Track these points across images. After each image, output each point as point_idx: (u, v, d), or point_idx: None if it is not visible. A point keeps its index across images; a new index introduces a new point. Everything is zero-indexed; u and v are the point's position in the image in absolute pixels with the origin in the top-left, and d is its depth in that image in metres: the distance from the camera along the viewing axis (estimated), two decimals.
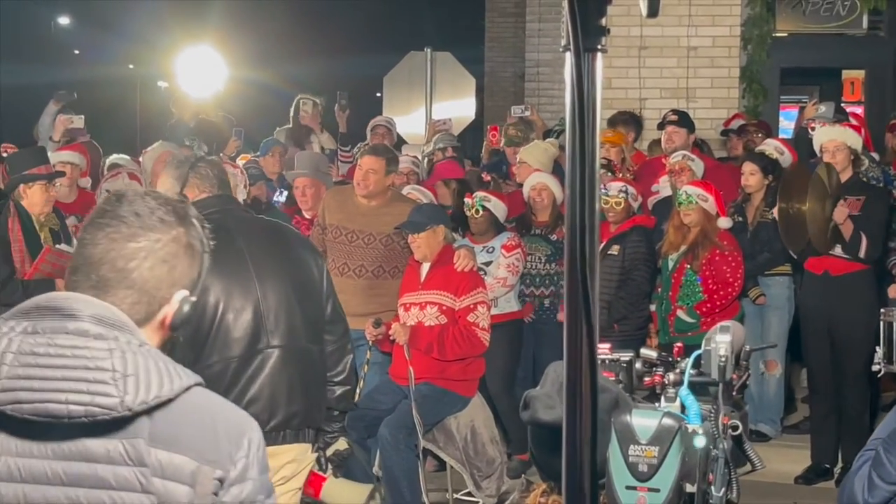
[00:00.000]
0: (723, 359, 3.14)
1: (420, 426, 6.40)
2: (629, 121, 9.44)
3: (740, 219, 7.93)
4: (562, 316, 5.45)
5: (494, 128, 10.38)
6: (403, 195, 7.64)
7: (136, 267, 2.06)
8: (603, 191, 7.54)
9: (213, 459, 1.99)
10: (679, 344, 3.54)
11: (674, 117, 8.82)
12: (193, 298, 2.15)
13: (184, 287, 2.12)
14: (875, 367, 4.68)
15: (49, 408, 1.90)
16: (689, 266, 7.49)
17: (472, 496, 6.89)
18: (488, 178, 9.16)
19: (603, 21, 1.71)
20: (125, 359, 1.94)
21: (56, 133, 8.98)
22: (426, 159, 9.96)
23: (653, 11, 1.69)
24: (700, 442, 3.00)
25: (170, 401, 1.96)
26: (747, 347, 3.36)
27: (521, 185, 8.28)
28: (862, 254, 7.23)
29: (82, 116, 9.20)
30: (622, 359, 3.35)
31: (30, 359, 1.92)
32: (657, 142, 9.26)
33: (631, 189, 7.64)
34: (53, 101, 9.38)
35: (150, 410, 1.94)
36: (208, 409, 2.04)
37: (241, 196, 6.59)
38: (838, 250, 7.29)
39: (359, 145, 9.85)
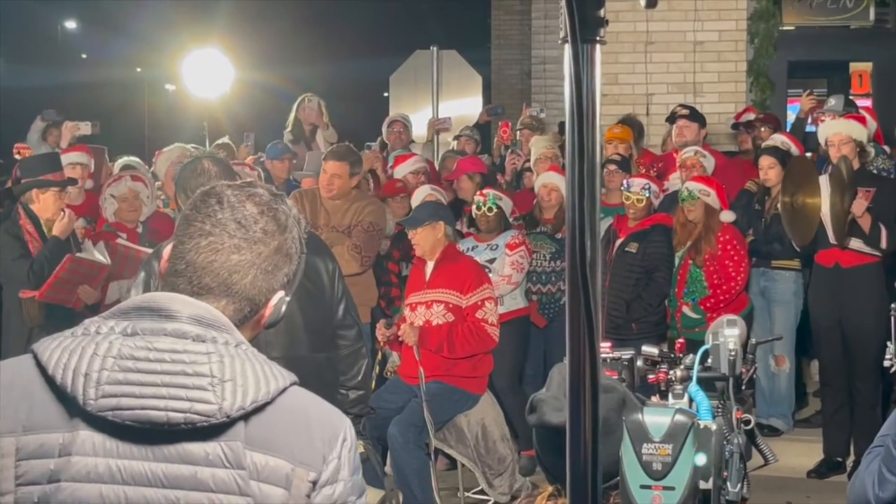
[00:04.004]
0: (732, 353, 3.12)
1: (431, 425, 6.40)
2: (631, 123, 9.41)
3: (759, 207, 7.92)
4: None
5: (505, 124, 10.38)
6: (368, 195, 7.79)
7: (239, 279, 2.06)
8: (625, 186, 7.52)
9: (307, 461, 2.00)
10: (681, 340, 3.51)
11: (685, 111, 8.79)
12: (288, 298, 2.16)
13: (281, 289, 2.13)
14: (887, 363, 4.65)
15: (149, 414, 1.90)
16: (692, 262, 7.48)
17: (484, 495, 6.88)
18: (503, 180, 9.21)
19: (601, 12, 1.68)
20: (223, 363, 1.95)
21: (63, 140, 9.00)
22: (453, 143, 10.08)
23: (651, 2, 1.66)
24: (701, 459, 2.97)
25: (266, 404, 1.97)
26: (753, 341, 3.35)
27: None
28: (884, 244, 7.21)
29: (89, 123, 9.20)
30: (623, 357, 3.33)
31: (129, 363, 1.92)
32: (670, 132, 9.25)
33: (654, 186, 7.62)
34: (40, 118, 9.42)
35: (246, 415, 1.95)
36: (303, 409, 2.04)
37: None
38: (854, 243, 7.27)
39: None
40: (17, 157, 8.71)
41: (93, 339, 1.96)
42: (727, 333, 3.20)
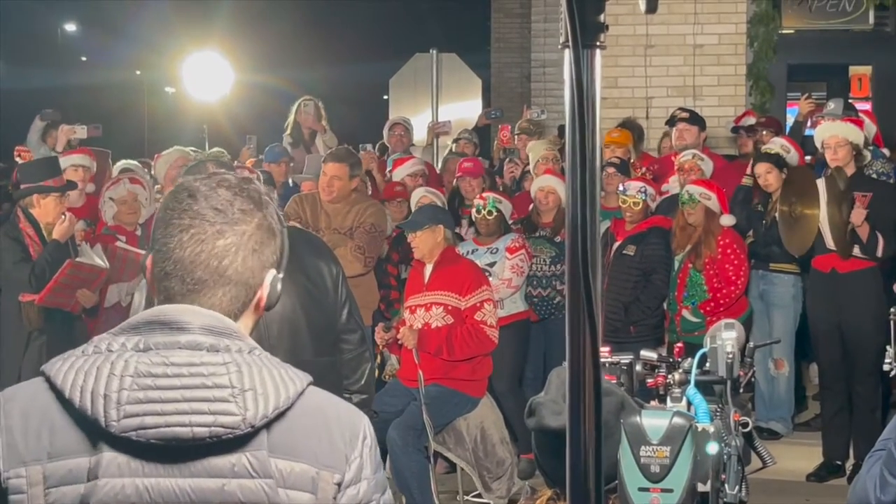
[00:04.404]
0: (730, 356, 3.13)
1: (430, 428, 6.39)
2: (631, 126, 9.42)
3: (761, 209, 7.92)
4: None
5: (505, 127, 10.39)
6: (368, 197, 7.84)
7: (229, 264, 2.03)
8: (621, 190, 7.52)
9: (330, 464, 2.00)
10: (680, 344, 3.52)
11: (685, 115, 8.78)
12: (281, 276, 2.14)
13: (272, 267, 2.11)
14: (886, 367, 4.66)
15: (175, 431, 1.89)
16: (692, 265, 7.48)
17: (483, 498, 6.88)
18: (500, 182, 9.21)
19: (601, 17, 1.69)
20: (241, 372, 1.94)
21: (59, 144, 8.98)
22: (453, 146, 10.09)
23: (651, 7, 1.67)
24: (713, 448, 2.98)
25: (286, 409, 1.96)
26: (751, 344, 3.35)
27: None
28: (879, 253, 7.21)
29: (85, 126, 9.19)
30: (622, 361, 3.33)
31: (148, 381, 1.90)
32: (667, 134, 9.26)
33: (650, 189, 7.62)
34: (39, 118, 9.41)
35: (269, 423, 1.94)
36: (321, 411, 2.04)
37: None
38: (855, 251, 7.26)
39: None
40: (17, 159, 8.69)
41: (107, 359, 1.93)
42: (724, 337, 3.21)
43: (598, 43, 1.69)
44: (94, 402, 1.89)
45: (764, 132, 9.00)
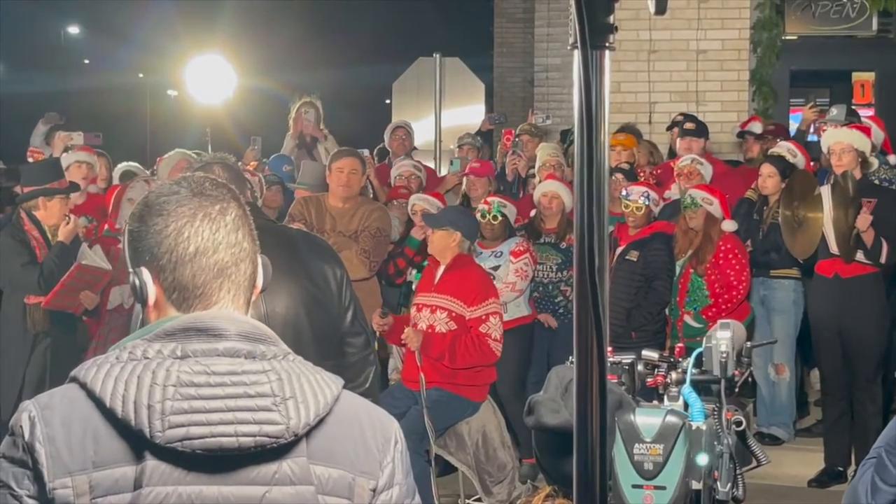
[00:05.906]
0: (724, 355, 3.14)
1: (432, 432, 6.39)
2: (631, 132, 9.41)
3: (757, 217, 7.92)
4: None
5: (508, 132, 10.39)
6: (372, 200, 7.97)
7: (243, 237, 2.05)
8: (624, 194, 7.51)
9: (366, 470, 2.01)
10: (680, 344, 3.53)
11: (691, 126, 8.74)
12: (267, 259, 2.15)
13: (258, 251, 2.12)
14: None
15: (220, 441, 1.88)
16: (693, 270, 7.47)
17: (484, 501, 6.88)
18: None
19: (610, 18, 1.69)
20: (281, 380, 1.94)
21: (56, 150, 9.00)
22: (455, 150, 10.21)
23: (660, 9, 1.67)
24: (703, 459, 2.98)
25: (325, 415, 1.97)
26: (748, 344, 3.35)
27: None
28: (883, 259, 7.21)
29: (82, 133, 9.22)
30: (624, 361, 3.34)
31: (191, 390, 1.89)
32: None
33: (653, 194, 7.61)
34: (42, 122, 9.44)
35: (310, 430, 1.95)
36: (356, 416, 2.04)
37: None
38: (859, 256, 7.26)
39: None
40: (29, 159, 8.72)
41: (147, 367, 1.91)
42: (719, 336, 3.22)
43: (606, 44, 1.69)
44: (138, 412, 1.87)
45: (777, 140, 8.95)
